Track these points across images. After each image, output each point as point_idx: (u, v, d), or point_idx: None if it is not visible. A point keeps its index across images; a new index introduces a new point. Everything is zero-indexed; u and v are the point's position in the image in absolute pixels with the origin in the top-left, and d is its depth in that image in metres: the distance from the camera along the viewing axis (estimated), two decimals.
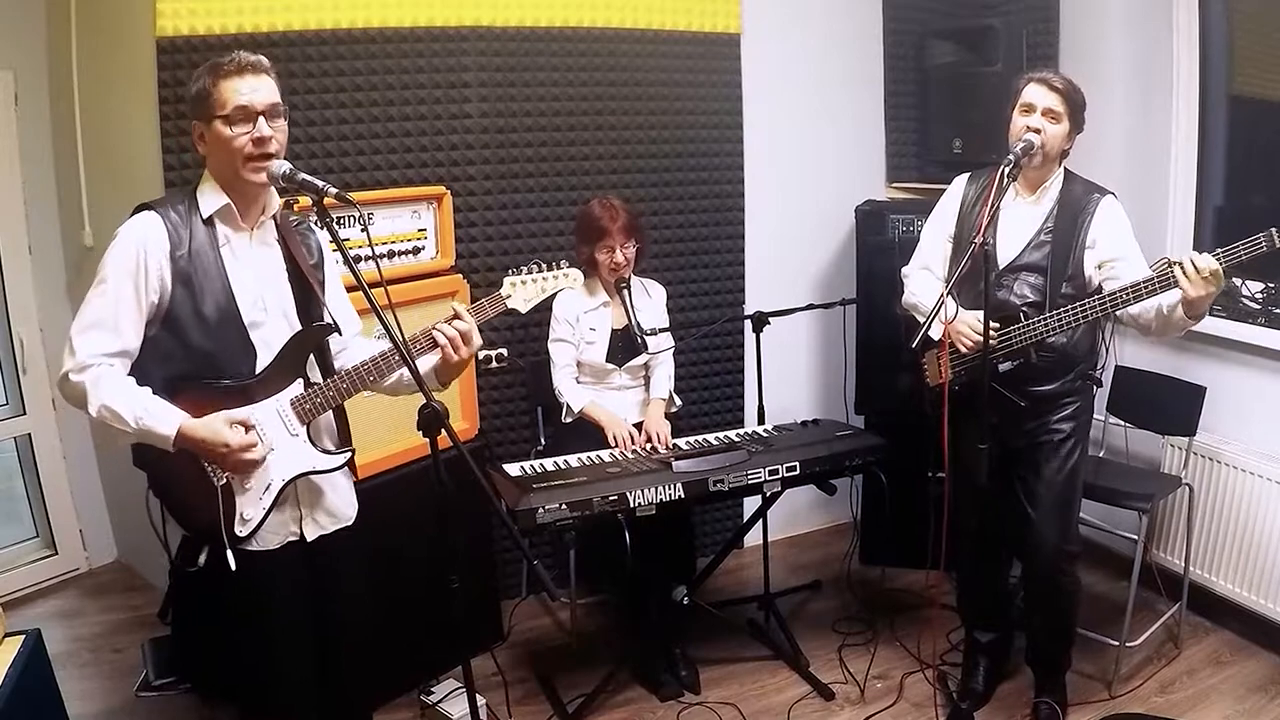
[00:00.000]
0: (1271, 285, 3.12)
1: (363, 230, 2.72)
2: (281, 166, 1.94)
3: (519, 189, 3.46)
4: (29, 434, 3.75)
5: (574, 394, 3.18)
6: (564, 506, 2.57)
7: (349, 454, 2.12)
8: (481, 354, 3.40)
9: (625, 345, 3.17)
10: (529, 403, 3.55)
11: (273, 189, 2.02)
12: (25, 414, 3.73)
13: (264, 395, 1.98)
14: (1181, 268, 2.24)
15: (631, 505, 2.63)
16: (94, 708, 2.97)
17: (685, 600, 3.05)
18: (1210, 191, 3.39)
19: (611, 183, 3.54)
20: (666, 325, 3.27)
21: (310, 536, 2.10)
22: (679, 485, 2.69)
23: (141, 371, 1.92)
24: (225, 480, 1.94)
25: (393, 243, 2.93)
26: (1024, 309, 2.55)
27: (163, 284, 1.90)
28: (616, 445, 3.03)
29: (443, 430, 1.85)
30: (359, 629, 2.29)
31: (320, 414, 2.04)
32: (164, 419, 1.85)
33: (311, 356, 2.07)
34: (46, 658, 2.39)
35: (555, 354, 3.21)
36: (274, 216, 2.06)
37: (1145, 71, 3.44)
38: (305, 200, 1.98)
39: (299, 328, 2.05)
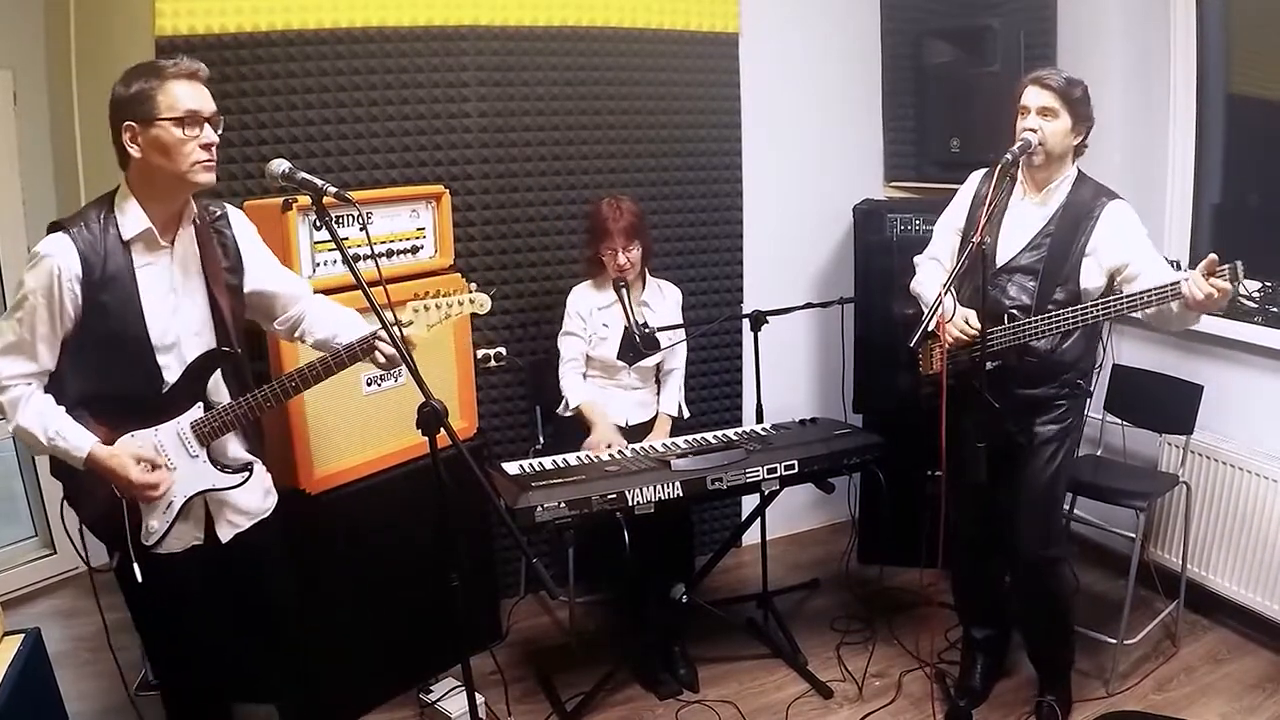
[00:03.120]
0: (1269, 284, 3.12)
1: (362, 229, 2.72)
2: (281, 166, 1.94)
3: (517, 188, 3.46)
4: None
5: (574, 389, 3.18)
6: (563, 505, 2.58)
7: (247, 474, 2.15)
8: (480, 353, 3.40)
9: (634, 344, 3.16)
10: (528, 401, 3.55)
11: (189, 196, 2.02)
12: None
13: (166, 417, 2.03)
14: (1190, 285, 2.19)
15: (630, 504, 2.63)
16: (93, 706, 2.98)
17: (684, 599, 3.06)
18: (1207, 190, 3.40)
19: (610, 182, 3.54)
20: (679, 324, 3.26)
21: (225, 538, 2.16)
22: (677, 484, 2.69)
23: (57, 386, 1.98)
24: (129, 497, 2.00)
25: (391, 242, 2.93)
26: (1012, 310, 2.55)
27: (76, 310, 1.93)
28: (588, 444, 3.02)
29: (442, 429, 1.85)
30: (353, 627, 2.30)
31: (220, 436, 2.09)
32: (75, 443, 1.93)
33: (221, 378, 2.11)
34: (46, 656, 2.39)
35: (564, 347, 3.21)
36: (194, 220, 2.05)
37: (1143, 71, 3.45)
38: (305, 199, 1.98)
39: (213, 345, 2.08)
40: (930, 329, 2.54)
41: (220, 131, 1.97)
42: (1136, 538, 2.99)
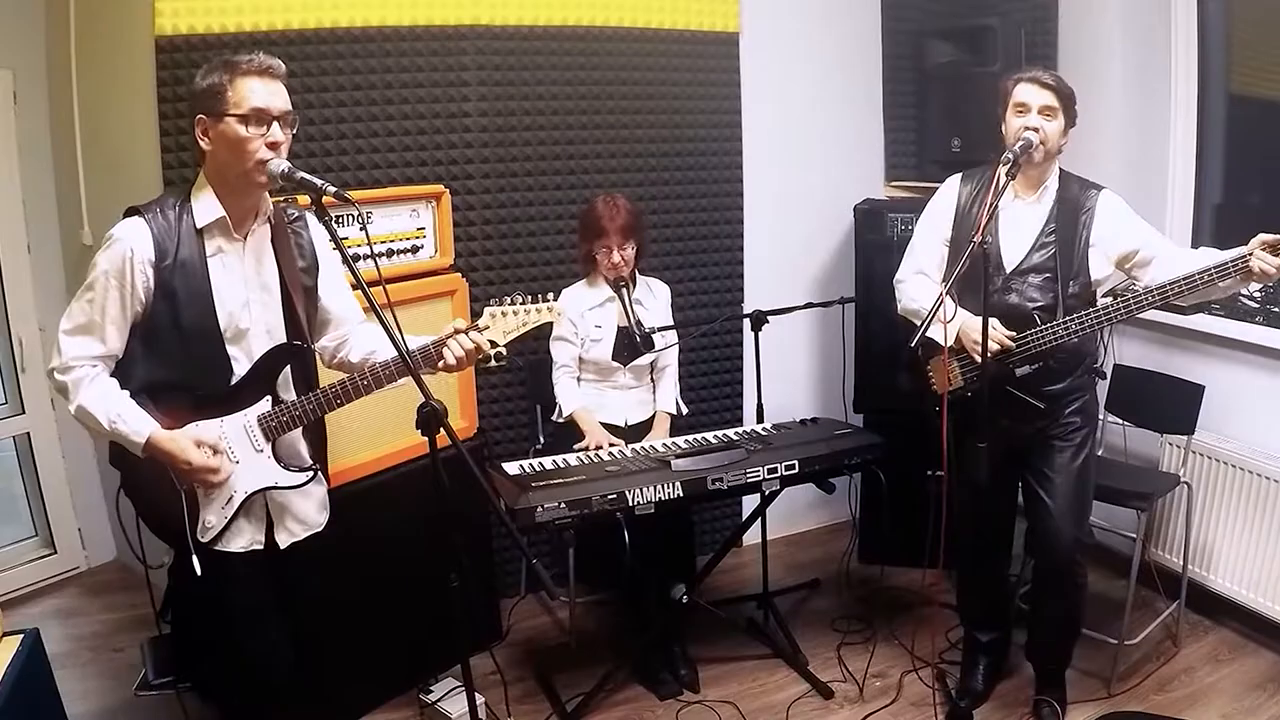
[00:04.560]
0: (1269, 284, 3.12)
1: (361, 229, 2.72)
2: (280, 165, 1.94)
3: (518, 188, 3.46)
4: (28, 433, 3.75)
5: (567, 396, 3.17)
6: (563, 505, 2.57)
7: (311, 474, 2.13)
8: None
9: (630, 343, 3.15)
10: (528, 401, 3.55)
11: (262, 194, 2.01)
12: (24, 413, 3.73)
13: (233, 409, 2.01)
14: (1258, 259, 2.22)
15: (630, 504, 2.63)
16: (93, 707, 2.98)
17: (684, 599, 3.05)
18: (1208, 190, 3.39)
19: (610, 181, 3.54)
20: (671, 324, 3.26)
21: (283, 544, 2.14)
22: (678, 484, 2.69)
23: (123, 372, 1.97)
24: (189, 486, 1.98)
25: (391, 241, 2.93)
26: (1036, 312, 2.54)
27: (147, 294, 1.92)
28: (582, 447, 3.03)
29: (442, 429, 1.85)
30: (351, 629, 2.29)
31: (286, 432, 2.06)
32: (136, 427, 1.91)
33: (289, 373, 2.09)
34: (45, 657, 2.39)
35: (556, 353, 3.20)
36: (269, 218, 2.05)
37: (1144, 71, 3.44)
38: (304, 199, 1.98)
39: (283, 341, 2.06)
40: (934, 337, 2.53)
41: (294, 131, 1.97)
42: (1138, 538, 2.99)
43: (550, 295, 2.16)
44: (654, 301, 3.26)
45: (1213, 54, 3.31)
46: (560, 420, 3.19)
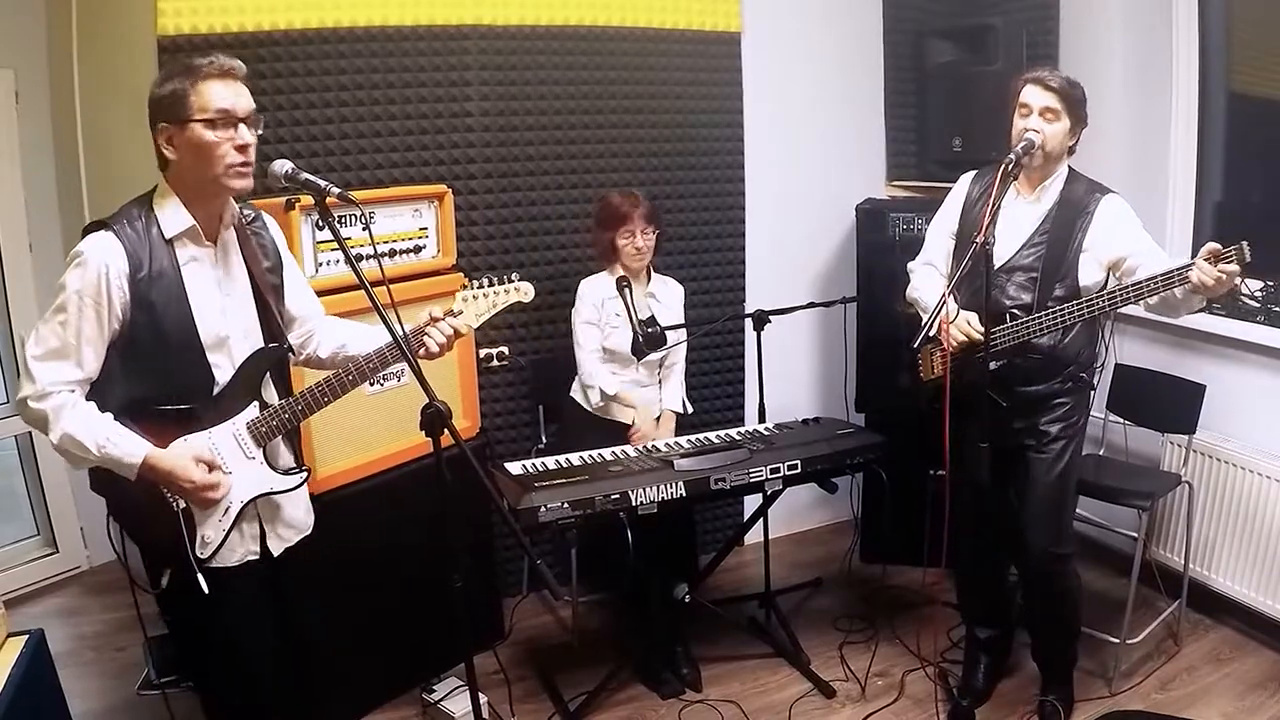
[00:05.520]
0: (1271, 283, 3.12)
1: (364, 229, 2.72)
2: (284, 166, 1.92)
3: (520, 187, 3.46)
4: (29, 432, 3.75)
5: (606, 378, 3.14)
6: (566, 505, 2.58)
7: (305, 474, 2.12)
8: (482, 352, 3.39)
9: (645, 338, 3.13)
10: (530, 401, 3.55)
11: (229, 199, 1.97)
12: None
13: (220, 419, 1.97)
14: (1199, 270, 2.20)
15: (633, 504, 2.63)
16: (96, 706, 2.98)
17: (686, 598, 3.06)
18: (1209, 188, 3.40)
19: (612, 181, 3.54)
20: (681, 324, 3.26)
21: (276, 551, 2.11)
22: (680, 484, 2.69)
23: (99, 394, 1.89)
24: (184, 504, 1.94)
25: (394, 241, 2.93)
26: (1013, 310, 2.55)
27: (124, 309, 1.86)
28: (634, 432, 3.08)
29: (445, 429, 1.85)
30: (354, 629, 2.27)
31: (276, 436, 2.03)
32: (129, 450, 1.84)
33: (269, 377, 2.06)
34: (49, 658, 2.39)
35: (583, 336, 3.16)
36: (233, 221, 2.01)
37: (1145, 69, 3.44)
38: (306, 199, 1.97)
39: (260, 344, 2.04)
40: (932, 333, 2.54)
41: (260, 131, 1.93)
42: (1139, 537, 2.99)
43: (515, 275, 2.20)
44: (669, 296, 3.26)
45: (1213, 53, 3.31)
46: (601, 404, 3.15)
